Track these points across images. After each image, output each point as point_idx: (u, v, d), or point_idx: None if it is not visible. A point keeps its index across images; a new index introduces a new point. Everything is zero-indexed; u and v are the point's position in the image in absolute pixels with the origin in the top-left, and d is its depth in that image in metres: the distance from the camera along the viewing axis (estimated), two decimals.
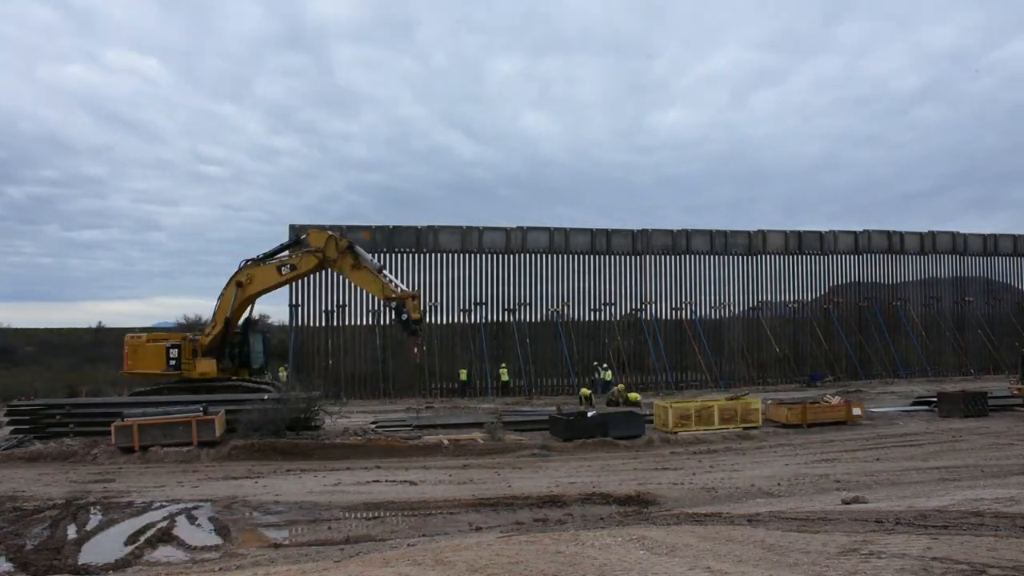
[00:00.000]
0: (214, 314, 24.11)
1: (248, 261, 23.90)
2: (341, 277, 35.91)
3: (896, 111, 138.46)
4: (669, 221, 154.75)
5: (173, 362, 23.35)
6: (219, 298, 23.94)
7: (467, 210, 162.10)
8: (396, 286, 23.49)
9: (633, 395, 27.81)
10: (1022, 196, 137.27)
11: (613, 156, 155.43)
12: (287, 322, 35.78)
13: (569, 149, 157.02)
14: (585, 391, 28.42)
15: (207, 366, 23.46)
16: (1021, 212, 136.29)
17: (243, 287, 23.51)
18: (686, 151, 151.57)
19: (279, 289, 25.16)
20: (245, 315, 24.58)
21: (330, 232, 24.00)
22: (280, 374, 32.96)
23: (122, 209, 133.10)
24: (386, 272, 24.26)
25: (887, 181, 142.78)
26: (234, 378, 24.19)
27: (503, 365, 36.02)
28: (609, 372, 35.44)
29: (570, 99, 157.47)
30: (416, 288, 36.58)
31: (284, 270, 24.05)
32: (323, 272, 35.53)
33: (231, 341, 24.25)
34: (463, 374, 35.75)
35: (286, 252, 24.36)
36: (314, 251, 23.35)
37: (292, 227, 33.77)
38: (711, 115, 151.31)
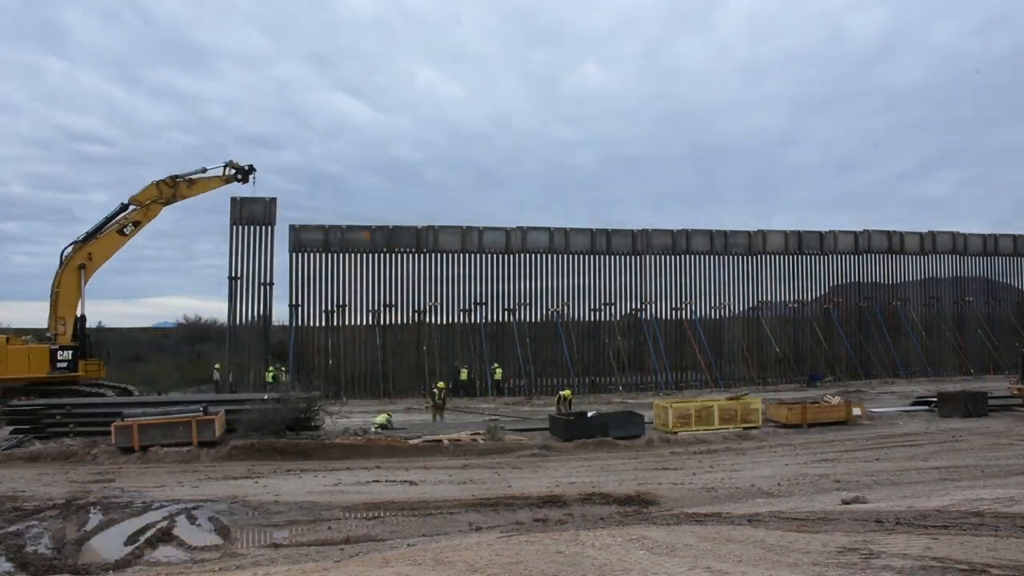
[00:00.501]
0: (56, 310, 23.63)
1: (74, 244, 23.95)
2: (341, 277, 36.06)
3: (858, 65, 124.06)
4: (637, 215, 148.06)
5: (64, 364, 23.27)
6: (55, 292, 23.47)
7: (397, 196, 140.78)
8: (225, 171, 27.15)
9: (566, 392, 27.68)
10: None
11: (544, 130, 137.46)
12: (287, 322, 35.74)
13: (490, 120, 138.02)
14: (567, 392, 28.44)
15: (92, 365, 23.61)
16: None
17: (86, 268, 23.45)
18: (625, 123, 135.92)
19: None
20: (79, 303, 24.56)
21: (153, 181, 25.58)
22: (268, 376, 32.97)
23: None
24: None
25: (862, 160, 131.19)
26: (103, 380, 24.35)
27: (495, 365, 35.96)
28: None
29: (462, 50, 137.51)
30: (416, 288, 36.69)
31: (128, 229, 24.60)
32: (323, 272, 35.75)
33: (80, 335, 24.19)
34: (463, 373, 35.64)
35: (115, 220, 25.00)
36: (150, 203, 24.21)
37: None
38: (632, 71, 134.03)
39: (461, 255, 37.33)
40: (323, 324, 35.83)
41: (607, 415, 21.69)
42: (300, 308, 35.51)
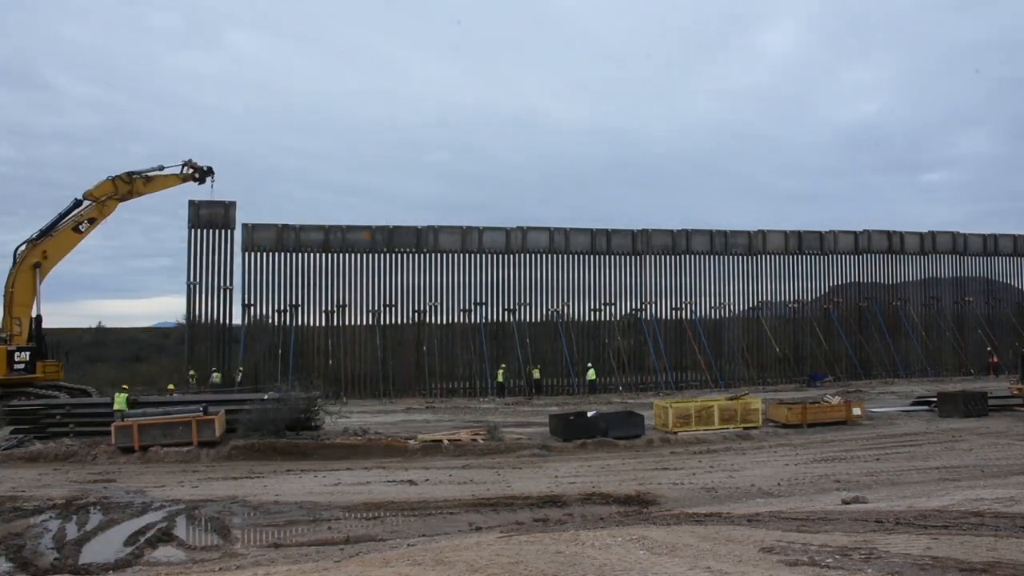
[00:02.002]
0: (10, 310, 23.09)
1: (27, 243, 23.64)
2: (341, 277, 36.08)
3: None
4: (633, 219, 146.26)
5: (22, 366, 23.08)
6: (9, 292, 23.00)
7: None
8: (183, 169, 27.35)
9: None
10: None
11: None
12: (287, 322, 35.72)
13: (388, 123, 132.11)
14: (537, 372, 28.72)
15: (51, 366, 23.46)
16: None
17: (41, 266, 23.20)
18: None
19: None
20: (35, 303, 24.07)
21: (108, 177, 25.29)
22: (216, 377, 32.82)
23: None
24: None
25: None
26: (61, 382, 24.19)
27: (502, 366, 35.94)
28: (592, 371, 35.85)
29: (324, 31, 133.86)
30: (416, 288, 36.69)
31: (83, 227, 24.34)
32: (324, 272, 35.77)
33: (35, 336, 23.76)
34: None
35: (69, 217, 24.53)
36: (105, 199, 23.99)
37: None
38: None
39: (461, 255, 37.33)
40: (323, 324, 35.86)
41: (607, 415, 21.68)
42: (300, 308, 35.55)
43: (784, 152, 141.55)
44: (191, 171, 28.22)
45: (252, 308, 35.16)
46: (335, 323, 35.89)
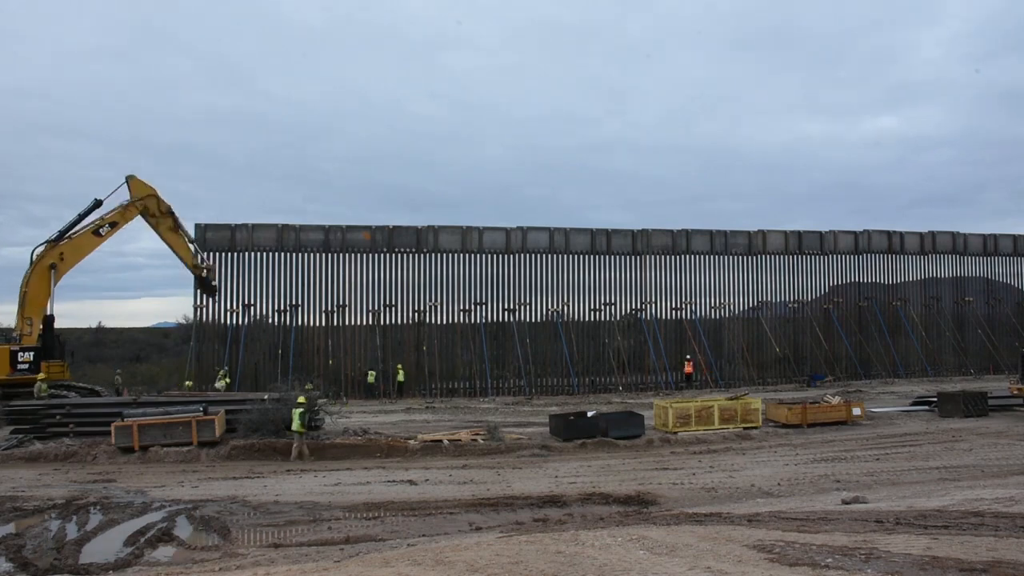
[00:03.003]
0: (24, 308, 22.83)
1: (47, 243, 23.40)
2: (341, 277, 36.07)
3: None
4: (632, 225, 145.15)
5: (25, 366, 22.95)
6: (23, 292, 22.67)
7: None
8: (202, 259, 26.63)
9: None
10: None
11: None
12: (287, 322, 35.72)
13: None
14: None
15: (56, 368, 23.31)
16: None
17: (57, 268, 22.95)
18: None
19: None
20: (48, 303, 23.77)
21: (152, 187, 24.20)
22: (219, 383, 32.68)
23: None
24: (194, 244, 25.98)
25: None
26: (73, 382, 24.06)
27: (399, 365, 34.80)
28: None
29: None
30: (416, 288, 36.68)
31: (104, 230, 23.78)
32: (324, 272, 35.75)
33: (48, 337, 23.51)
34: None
35: (91, 218, 23.93)
36: (136, 201, 23.37)
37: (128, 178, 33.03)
38: None
39: (461, 255, 37.31)
40: (323, 324, 35.84)
41: (607, 415, 21.68)
42: (300, 308, 35.53)
43: None
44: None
45: (252, 308, 35.16)
46: (335, 323, 35.88)
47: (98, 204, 24.21)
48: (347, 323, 35.92)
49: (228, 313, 34.77)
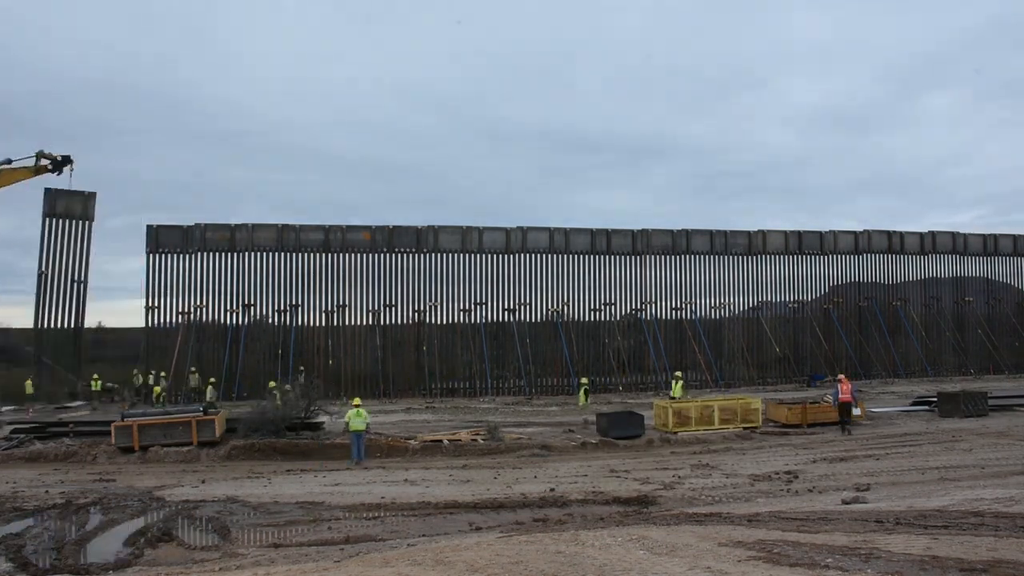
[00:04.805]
0: None
1: None
2: (341, 277, 36.05)
3: None
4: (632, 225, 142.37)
5: None
6: None
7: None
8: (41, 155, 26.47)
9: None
10: None
11: None
12: (287, 322, 35.72)
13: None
14: (583, 388, 28.48)
15: None
16: None
17: None
18: None
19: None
20: None
21: None
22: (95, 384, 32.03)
23: None
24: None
25: None
26: None
27: (211, 380, 30.53)
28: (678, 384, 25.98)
29: None
30: (416, 288, 36.68)
31: None
32: (324, 272, 35.75)
33: None
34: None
35: None
36: None
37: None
38: None
39: (461, 255, 37.32)
40: (323, 324, 35.86)
41: (607, 415, 21.67)
42: (300, 308, 35.57)
43: None
44: (46, 162, 27.15)
45: (252, 308, 35.18)
46: (335, 323, 35.89)
47: None
48: (347, 323, 35.94)
49: (228, 313, 34.85)
